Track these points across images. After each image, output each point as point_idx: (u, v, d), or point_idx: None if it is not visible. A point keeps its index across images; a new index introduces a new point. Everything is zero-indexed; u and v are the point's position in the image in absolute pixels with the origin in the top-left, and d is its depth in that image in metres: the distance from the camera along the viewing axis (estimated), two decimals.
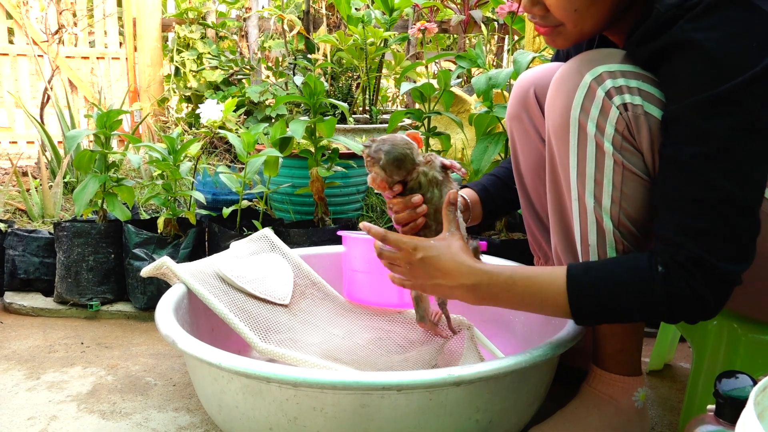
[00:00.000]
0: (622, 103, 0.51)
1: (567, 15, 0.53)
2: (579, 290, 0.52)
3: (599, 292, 0.52)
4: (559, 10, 0.53)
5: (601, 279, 0.52)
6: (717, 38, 0.46)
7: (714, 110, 0.46)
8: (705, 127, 0.47)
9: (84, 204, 1.00)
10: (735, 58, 0.46)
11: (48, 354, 0.91)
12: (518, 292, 0.54)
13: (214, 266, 0.77)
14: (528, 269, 0.56)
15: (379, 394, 0.53)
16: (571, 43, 0.56)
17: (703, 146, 0.47)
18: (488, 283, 0.55)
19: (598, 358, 0.63)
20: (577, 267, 0.53)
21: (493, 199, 0.74)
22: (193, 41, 2.27)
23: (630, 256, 0.53)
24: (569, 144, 0.54)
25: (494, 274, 0.55)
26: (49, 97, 1.91)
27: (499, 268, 0.56)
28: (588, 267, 0.53)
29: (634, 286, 0.50)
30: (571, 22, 0.53)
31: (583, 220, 0.55)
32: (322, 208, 1.11)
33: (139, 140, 1.17)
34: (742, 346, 0.57)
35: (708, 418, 0.40)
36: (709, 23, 0.46)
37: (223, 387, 0.58)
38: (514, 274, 0.55)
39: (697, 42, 0.46)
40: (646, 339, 0.89)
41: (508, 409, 0.59)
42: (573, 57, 0.56)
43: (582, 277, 0.52)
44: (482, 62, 1.00)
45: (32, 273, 1.11)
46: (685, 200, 0.49)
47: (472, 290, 0.55)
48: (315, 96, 1.03)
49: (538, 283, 0.54)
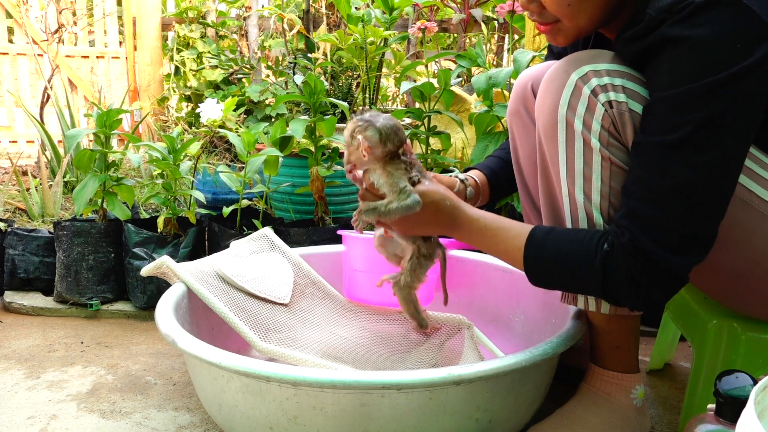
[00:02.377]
0: (607, 100, 0.52)
1: (561, 10, 0.54)
2: (533, 250, 0.55)
3: (547, 256, 0.55)
4: (553, 6, 0.54)
5: (552, 244, 0.54)
6: (703, 36, 0.46)
7: (687, 104, 0.47)
8: (676, 119, 0.48)
9: (84, 203, 1.00)
10: (717, 56, 0.46)
11: (48, 353, 0.91)
12: (488, 239, 0.58)
13: (214, 265, 0.77)
14: (504, 220, 0.59)
15: (379, 394, 0.53)
16: (570, 39, 0.57)
17: (670, 135, 0.48)
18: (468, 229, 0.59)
19: (595, 355, 0.63)
20: (541, 229, 0.56)
21: (499, 180, 0.75)
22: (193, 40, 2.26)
23: (588, 231, 0.54)
24: (558, 141, 0.55)
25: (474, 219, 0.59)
26: (48, 96, 1.91)
27: (479, 213, 0.60)
28: (549, 231, 0.56)
29: (578, 257, 0.53)
30: (566, 18, 0.54)
31: (574, 216, 0.56)
32: (322, 208, 1.11)
33: (138, 139, 1.17)
34: (742, 345, 0.57)
35: (708, 417, 0.40)
36: (698, 22, 0.46)
37: (223, 386, 0.58)
38: (489, 223, 0.59)
39: (684, 38, 0.47)
40: (646, 338, 0.90)
41: (508, 409, 0.59)
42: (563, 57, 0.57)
43: (539, 239, 0.55)
44: (482, 61, 1.00)
45: (32, 272, 1.11)
46: (640, 186, 0.50)
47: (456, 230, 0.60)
48: (315, 95, 1.03)
49: (504, 234, 0.57)
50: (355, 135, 0.60)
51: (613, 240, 0.51)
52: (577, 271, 0.53)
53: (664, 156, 0.49)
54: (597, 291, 0.53)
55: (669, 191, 0.48)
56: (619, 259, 0.50)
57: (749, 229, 0.53)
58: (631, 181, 0.51)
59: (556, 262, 0.54)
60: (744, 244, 0.53)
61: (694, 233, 0.49)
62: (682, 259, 0.49)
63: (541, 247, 0.55)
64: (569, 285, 0.56)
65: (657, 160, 0.49)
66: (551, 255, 0.54)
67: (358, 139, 0.59)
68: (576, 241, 0.54)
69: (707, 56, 0.46)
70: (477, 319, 0.79)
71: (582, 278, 0.53)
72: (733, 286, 0.57)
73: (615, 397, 0.61)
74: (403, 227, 0.62)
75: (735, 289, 0.57)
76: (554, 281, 0.57)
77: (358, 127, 0.59)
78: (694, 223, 0.49)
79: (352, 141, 0.60)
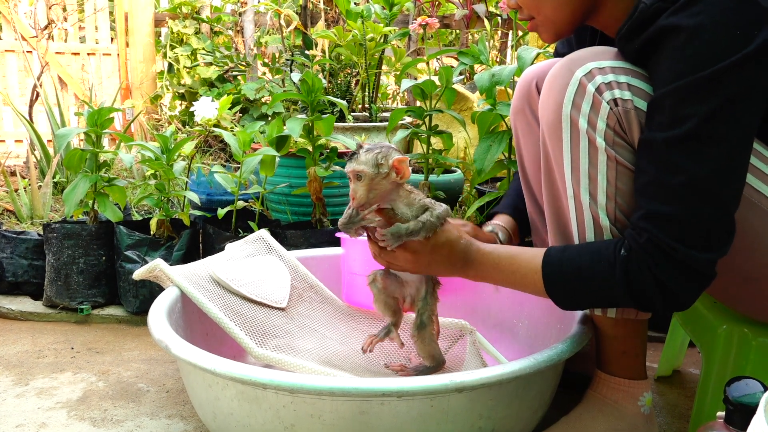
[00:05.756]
0: (612, 98, 0.52)
1: (529, 4, 0.55)
2: (551, 273, 0.54)
3: (567, 276, 0.54)
4: (523, 1, 0.55)
5: (569, 261, 0.54)
6: (701, 24, 0.46)
7: (693, 96, 0.47)
8: (682, 112, 0.47)
9: (74, 204, 0.98)
10: (718, 45, 0.45)
11: (37, 359, 0.89)
12: (503, 270, 0.57)
13: (209, 269, 0.75)
14: (515, 248, 0.59)
15: (379, 401, 0.52)
16: (552, 36, 0.57)
17: (676, 130, 0.47)
18: (482, 264, 0.58)
19: (602, 361, 0.62)
20: (555, 249, 0.55)
21: (525, 217, 0.74)
22: (187, 37, 2.23)
23: (602, 242, 0.54)
24: (562, 141, 0.54)
25: (486, 253, 0.58)
26: (38, 94, 1.88)
27: (491, 247, 0.59)
28: (564, 249, 0.55)
29: (597, 270, 0.52)
30: (533, 11, 0.55)
31: (579, 218, 0.55)
32: (320, 209, 1.09)
33: (131, 139, 1.15)
34: (752, 351, 0.56)
35: (717, 425, 0.39)
36: (695, 10, 0.46)
37: (218, 393, 0.57)
38: (503, 254, 0.58)
39: (681, 28, 0.46)
40: (654, 344, 0.89)
41: (511, 416, 0.58)
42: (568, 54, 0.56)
43: (555, 260, 0.54)
44: (485, 58, 0.98)
45: (21, 276, 1.08)
46: (653, 184, 0.49)
47: (470, 268, 0.59)
48: (313, 93, 1.01)
49: (519, 262, 0.56)
50: (382, 163, 0.57)
51: (630, 244, 0.50)
52: (601, 285, 0.52)
53: (672, 151, 0.48)
54: (625, 300, 0.52)
55: (682, 187, 0.48)
56: (639, 262, 0.50)
57: (759, 230, 0.52)
58: (643, 181, 0.51)
59: (577, 279, 0.53)
60: (753, 246, 0.53)
61: (712, 227, 0.49)
62: (704, 254, 0.48)
63: (559, 267, 0.54)
64: (597, 301, 0.55)
65: (666, 157, 0.48)
66: (571, 274, 0.53)
67: (387, 165, 0.57)
68: (592, 253, 0.53)
69: (707, 45, 0.45)
70: (480, 324, 0.78)
71: (607, 290, 0.52)
72: (743, 290, 0.56)
73: (622, 404, 0.60)
74: (417, 266, 0.60)
75: (745, 293, 0.56)
76: (581, 300, 0.56)
77: (380, 155, 0.57)
78: (711, 217, 0.48)
79: (379, 171, 0.57)
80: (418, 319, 0.65)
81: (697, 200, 0.48)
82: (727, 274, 0.53)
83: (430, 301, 0.64)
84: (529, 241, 0.76)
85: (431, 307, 0.65)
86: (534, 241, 0.76)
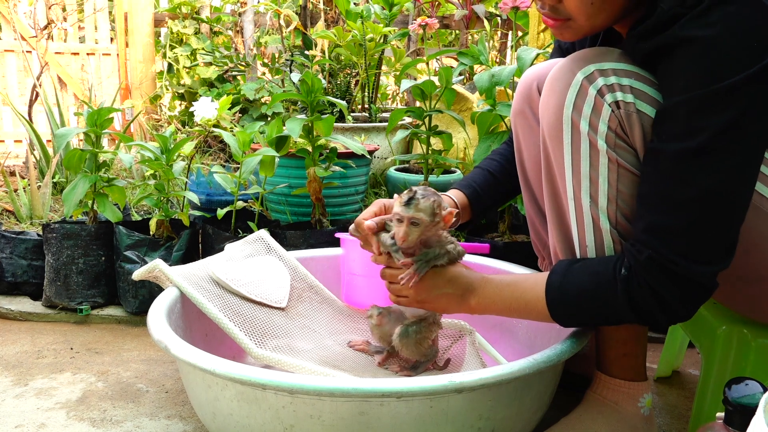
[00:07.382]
0: (614, 100, 0.51)
1: (582, 8, 0.52)
2: (554, 297, 0.54)
3: (570, 299, 0.54)
4: (574, 3, 0.52)
5: (571, 284, 0.53)
6: (718, 35, 0.45)
7: (706, 107, 0.46)
8: (694, 123, 0.47)
9: (74, 205, 0.98)
10: (734, 56, 0.45)
11: (36, 360, 0.89)
12: (505, 298, 0.57)
13: (208, 269, 0.75)
14: (515, 275, 0.59)
15: (378, 402, 0.52)
16: (579, 36, 0.55)
17: (688, 142, 0.47)
18: (483, 291, 0.58)
19: (602, 363, 0.62)
20: (557, 273, 0.55)
21: (480, 200, 0.74)
22: (187, 37, 2.23)
23: (602, 259, 0.54)
24: (563, 143, 0.54)
25: (488, 280, 0.59)
26: (37, 94, 1.88)
27: (490, 276, 0.59)
28: (565, 272, 0.55)
29: (600, 291, 0.52)
30: (584, 16, 0.53)
31: (580, 221, 0.55)
32: (319, 209, 1.09)
33: (130, 139, 1.15)
34: (752, 351, 0.56)
35: (717, 426, 0.39)
36: (712, 20, 0.45)
37: (218, 394, 0.57)
38: (503, 280, 0.59)
39: (698, 38, 0.46)
40: (654, 345, 0.89)
41: (511, 417, 0.58)
42: (570, 54, 0.55)
43: (557, 284, 0.54)
44: (485, 59, 0.98)
45: (20, 276, 1.08)
46: (658, 195, 0.49)
47: (472, 296, 0.59)
48: (312, 93, 1.01)
49: (522, 288, 0.56)
50: (437, 212, 0.60)
51: (630, 262, 0.50)
52: (604, 306, 0.52)
53: (683, 164, 0.47)
54: (629, 317, 0.52)
55: (690, 200, 0.47)
56: (640, 280, 0.50)
57: (761, 233, 0.52)
58: (648, 192, 0.50)
59: (581, 302, 0.54)
60: (755, 248, 0.52)
61: (717, 241, 0.48)
62: (707, 267, 0.48)
63: (561, 293, 0.54)
64: (602, 320, 0.56)
65: (676, 169, 0.48)
66: (574, 297, 0.54)
67: (442, 214, 0.60)
68: (594, 274, 0.53)
69: (723, 57, 0.45)
70: (479, 324, 0.78)
71: (611, 310, 0.52)
72: (743, 291, 0.56)
73: (622, 405, 0.60)
74: (420, 292, 0.61)
75: (745, 294, 0.56)
76: (586, 321, 0.56)
77: (436, 204, 0.60)
78: (717, 231, 0.48)
79: (434, 219, 0.59)
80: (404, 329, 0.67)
81: (705, 214, 0.47)
82: (727, 275, 0.53)
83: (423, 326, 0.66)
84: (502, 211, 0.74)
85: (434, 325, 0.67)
86: (534, 241, 0.76)
